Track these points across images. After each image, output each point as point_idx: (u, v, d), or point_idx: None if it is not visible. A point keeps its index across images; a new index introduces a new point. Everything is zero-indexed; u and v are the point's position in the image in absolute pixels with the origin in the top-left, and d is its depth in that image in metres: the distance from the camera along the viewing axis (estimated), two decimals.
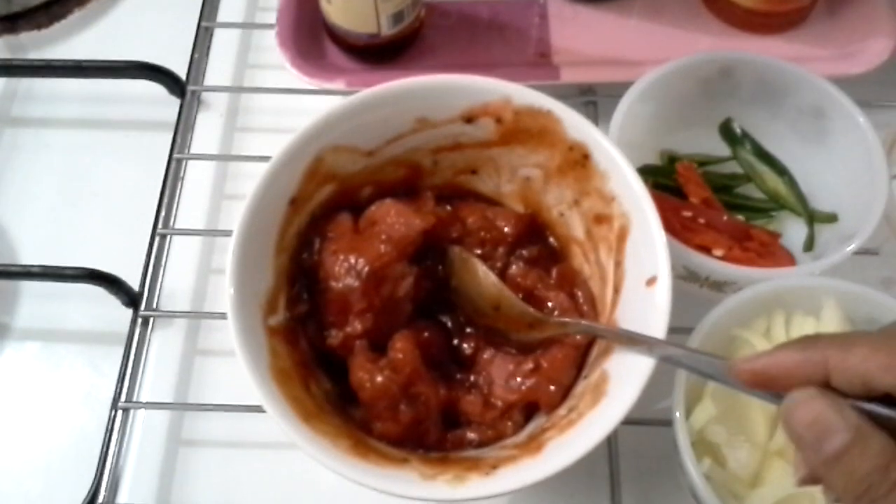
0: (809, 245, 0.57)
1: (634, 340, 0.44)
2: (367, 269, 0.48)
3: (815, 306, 0.50)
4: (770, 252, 0.56)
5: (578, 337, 0.49)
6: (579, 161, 0.50)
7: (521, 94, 0.50)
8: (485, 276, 0.51)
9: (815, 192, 0.59)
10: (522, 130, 0.51)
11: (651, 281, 0.45)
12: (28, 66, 0.70)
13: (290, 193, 0.49)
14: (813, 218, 0.58)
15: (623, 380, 0.44)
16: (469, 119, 0.52)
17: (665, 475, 0.52)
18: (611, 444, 0.54)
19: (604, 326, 0.48)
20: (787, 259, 0.56)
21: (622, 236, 0.48)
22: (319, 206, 0.52)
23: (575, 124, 0.50)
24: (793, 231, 0.59)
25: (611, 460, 0.53)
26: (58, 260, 0.60)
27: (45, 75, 0.70)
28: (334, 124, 0.49)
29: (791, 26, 0.68)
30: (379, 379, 0.46)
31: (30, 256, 0.64)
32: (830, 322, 0.49)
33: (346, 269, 0.49)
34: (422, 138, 0.53)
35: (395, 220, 0.50)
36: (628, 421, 0.43)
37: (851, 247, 0.51)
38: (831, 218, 0.57)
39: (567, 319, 0.49)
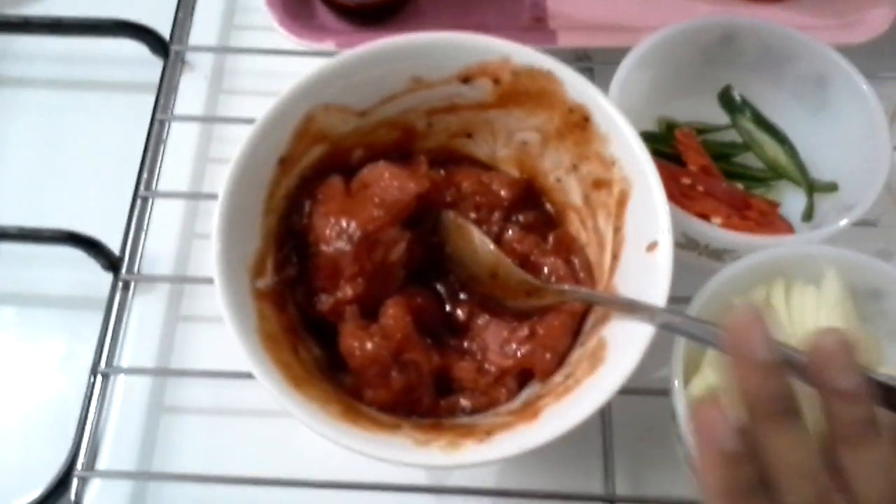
0: (808, 215, 0.57)
1: (634, 308, 0.43)
2: (359, 232, 0.47)
3: (816, 275, 0.49)
4: (769, 221, 0.55)
5: (575, 304, 0.48)
6: (579, 124, 0.49)
7: (521, 53, 0.49)
8: (481, 243, 0.49)
9: (815, 162, 0.58)
10: (521, 92, 0.50)
11: (652, 246, 0.44)
12: (4, 22, 0.67)
13: (279, 152, 0.48)
14: (812, 187, 0.57)
15: (621, 347, 0.43)
16: (466, 79, 0.50)
17: (658, 445, 0.51)
18: (604, 413, 0.53)
19: (604, 294, 0.47)
20: (786, 228, 0.55)
21: (622, 201, 0.47)
22: (310, 167, 0.50)
23: (576, 86, 0.48)
24: (792, 200, 0.58)
25: (604, 429, 0.52)
26: (35, 223, 0.58)
27: (23, 32, 0.67)
28: (326, 82, 0.48)
29: None
30: (369, 346, 0.45)
31: (6, 218, 0.62)
32: (831, 292, 0.48)
33: (337, 233, 0.47)
34: (416, 99, 0.51)
35: (388, 183, 0.49)
36: (622, 390, 0.42)
37: (852, 217, 0.50)
38: (831, 187, 0.56)
39: (566, 287, 0.48)
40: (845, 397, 0.33)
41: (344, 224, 0.47)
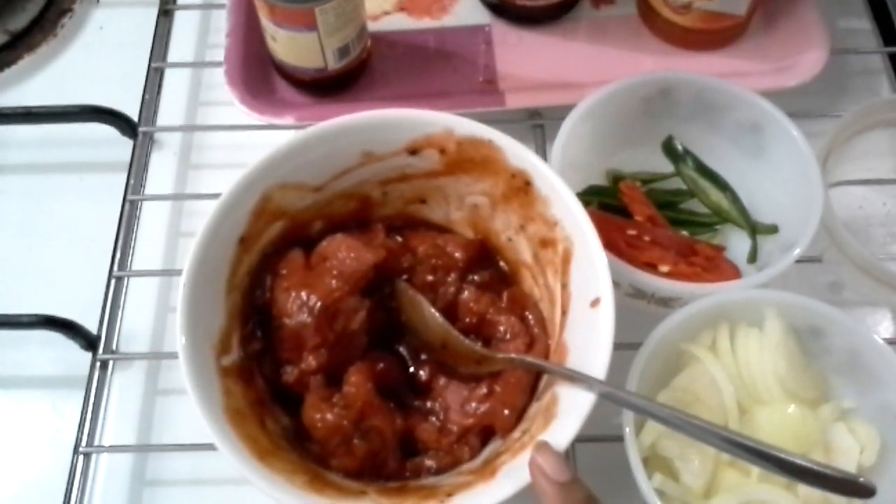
0: (753, 257, 0.59)
1: (575, 378, 0.45)
2: (319, 304, 0.49)
3: (758, 317, 0.51)
4: (715, 265, 0.57)
5: None
6: (522, 188, 0.51)
7: (462, 125, 0.51)
8: (431, 315, 0.51)
9: (756, 205, 0.61)
10: (466, 160, 0.52)
11: (595, 302, 0.46)
12: None
13: (239, 232, 0.50)
14: (755, 230, 0.60)
15: (571, 404, 0.45)
16: (413, 151, 0.53)
17: (623, 490, 0.52)
18: (569, 460, 0.54)
19: (547, 364, 0.49)
20: (732, 272, 0.57)
21: (566, 259, 0.50)
22: (270, 243, 0.52)
23: (515, 152, 0.51)
24: (737, 243, 0.60)
25: None
26: (14, 306, 0.60)
27: None
28: (279, 163, 0.50)
29: (728, 43, 0.70)
30: (329, 417, 0.47)
31: None
32: (773, 333, 0.50)
33: (298, 306, 0.49)
34: (369, 171, 0.54)
35: (345, 254, 0.51)
36: (585, 438, 0.44)
37: (792, 256, 0.53)
38: (773, 229, 0.59)
39: (513, 356, 0.50)
40: (566, 486, 0.41)
41: (304, 297, 0.49)
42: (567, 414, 0.44)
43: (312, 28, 0.61)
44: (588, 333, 0.47)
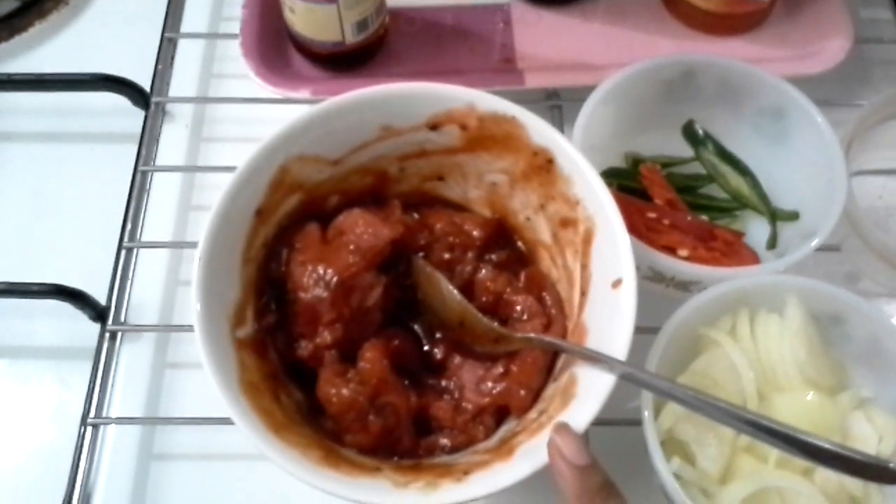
0: (773, 243, 0.58)
1: (595, 358, 0.44)
2: (335, 279, 0.48)
3: (779, 303, 0.51)
4: (734, 251, 0.56)
5: None
6: (543, 166, 0.50)
7: (485, 100, 0.50)
8: (448, 292, 0.51)
9: (777, 191, 0.60)
10: (487, 137, 0.52)
11: (616, 283, 0.46)
12: None
13: (255, 204, 0.49)
14: (775, 216, 0.59)
15: (591, 384, 0.44)
16: (434, 126, 0.52)
17: (638, 474, 0.52)
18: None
19: (567, 343, 0.48)
20: (751, 257, 0.57)
21: (587, 239, 0.49)
22: (286, 216, 0.52)
23: (539, 130, 0.50)
24: (756, 230, 0.60)
25: None
26: (23, 276, 0.59)
27: (6, 89, 0.69)
28: (298, 135, 0.49)
29: (750, 28, 0.69)
30: (345, 392, 0.46)
31: None
32: (793, 319, 0.50)
33: (314, 280, 0.49)
34: (387, 146, 0.53)
35: (363, 229, 0.50)
36: (600, 422, 0.43)
37: (813, 244, 0.52)
38: (793, 216, 0.58)
39: (531, 335, 0.49)
40: (585, 470, 0.40)
41: (321, 271, 0.49)
42: (586, 395, 0.44)
43: (332, 0, 0.60)
44: (609, 314, 0.46)
